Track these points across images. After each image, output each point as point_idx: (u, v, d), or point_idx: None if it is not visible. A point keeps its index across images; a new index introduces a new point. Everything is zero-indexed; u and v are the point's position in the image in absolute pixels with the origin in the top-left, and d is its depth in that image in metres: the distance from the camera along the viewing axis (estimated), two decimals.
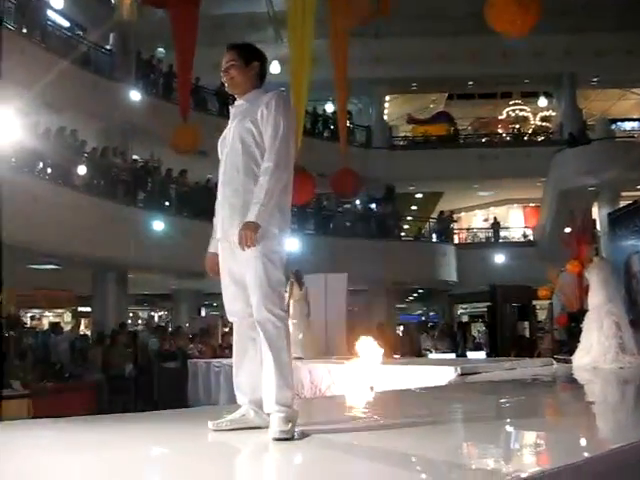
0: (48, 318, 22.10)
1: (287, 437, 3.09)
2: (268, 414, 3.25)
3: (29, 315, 21.79)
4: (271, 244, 3.34)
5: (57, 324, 16.06)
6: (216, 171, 3.66)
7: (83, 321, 22.47)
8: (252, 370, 3.42)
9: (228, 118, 3.67)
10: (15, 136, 12.63)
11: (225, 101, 21.21)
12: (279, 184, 3.34)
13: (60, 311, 22.74)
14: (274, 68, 20.79)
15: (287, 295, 10.65)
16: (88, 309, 20.96)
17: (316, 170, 16.41)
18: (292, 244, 18.44)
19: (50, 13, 18.11)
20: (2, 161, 12.09)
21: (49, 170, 15.55)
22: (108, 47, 20.04)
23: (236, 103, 3.64)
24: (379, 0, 14.94)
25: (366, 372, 7.13)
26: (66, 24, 19.54)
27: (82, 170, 16.26)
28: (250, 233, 3.22)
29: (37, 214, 13.55)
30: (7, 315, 15.72)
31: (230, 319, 3.56)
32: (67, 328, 17.53)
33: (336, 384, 7.23)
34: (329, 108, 25.34)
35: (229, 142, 3.52)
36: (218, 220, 3.53)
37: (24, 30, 15.97)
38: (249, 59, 3.62)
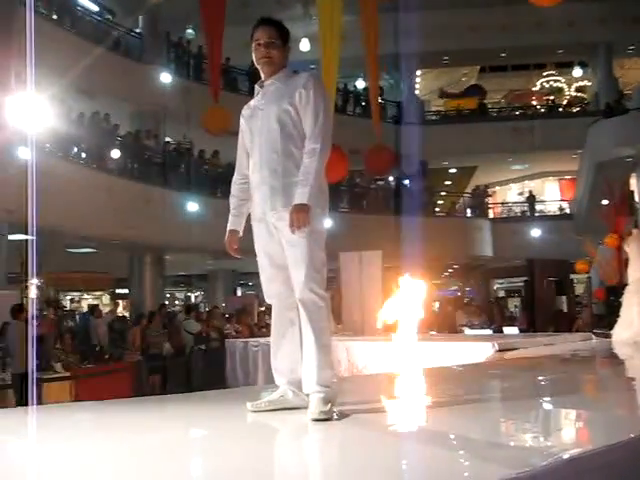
0: (87, 300, 22.48)
1: (326, 418, 3.08)
2: (307, 394, 3.25)
3: (68, 298, 22.18)
4: (315, 224, 3.31)
5: (96, 306, 16.30)
6: None
7: (121, 303, 22.81)
8: (290, 351, 3.41)
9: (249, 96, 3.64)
10: (49, 122, 12.76)
11: (256, 80, 21.16)
12: (323, 165, 3.33)
13: (98, 293, 23.12)
14: (304, 45, 20.64)
15: None
16: (125, 291, 21.24)
17: (348, 147, 16.33)
18: (327, 222, 18.42)
19: None
20: (37, 147, 12.21)
21: (83, 154, 15.72)
22: (138, 30, 20.10)
23: (265, 82, 3.57)
24: None
25: (403, 349, 7.13)
26: (95, 9, 19.62)
27: (116, 154, 16.41)
28: (304, 215, 3.20)
29: (72, 198, 13.71)
30: (47, 298, 16.02)
31: (268, 301, 3.55)
32: (105, 310, 17.80)
33: (373, 362, 7.23)
34: (360, 84, 25.15)
35: (263, 123, 3.46)
36: (254, 201, 3.49)
37: (54, 16, 16.08)
38: (286, 40, 3.59)
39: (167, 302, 22.07)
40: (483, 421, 3.14)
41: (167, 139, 19.83)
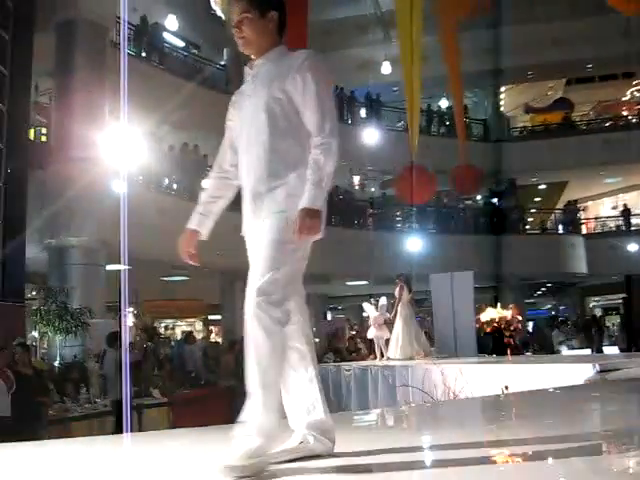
0: (181, 327, 22.97)
1: (236, 476, 2.43)
2: (329, 439, 2.82)
3: (163, 325, 22.75)
4: (286, 232, 2.69)
5: (190, 333, 16.63)
6: (335, 176, 3.20)
7: (213, 329, 23.21)
8: (304, 385, 2.87)
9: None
10: (142, 156, 13.22)
11: (339, 105, 21.36)
12: (334, 162, 2.75)
13: (191, 320, 23.60)
14: (385, 68, 20.75)
15: (396, 299, 11.16)
16: (218, 317, 21.62)
17: (435, 168, 16.26)
18: (415, 244, 18.33)
19: (166, 35, 18.86)
20: (130, 179, 12.64)
21: (174, 185, 16.18)
22: (222, 63, 20.63)
23: (255, 63, 2.98)
24: None
25: (499, 372, 6.96)
26: (182, 44, 20.26)
27: (206, 183, 16.80)
28: (315, 221, 2.64)
29: (165, 228, 14.02)
30: (144, 326, 16.47)
31: None
32: (199, 336, 18.15)
33: (469, 385, 7.09)
34: (443, 104, 25.02)
35: (251, 113, 2.90)
36: (243, 208, 2.93)
37: (143, 54, 16.70)
38: (265, 8, 2.88)
39: None
40: (586, 446, 3.02)
41: None
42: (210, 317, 23.58)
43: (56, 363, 11.89)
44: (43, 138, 15.11)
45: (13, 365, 8.45)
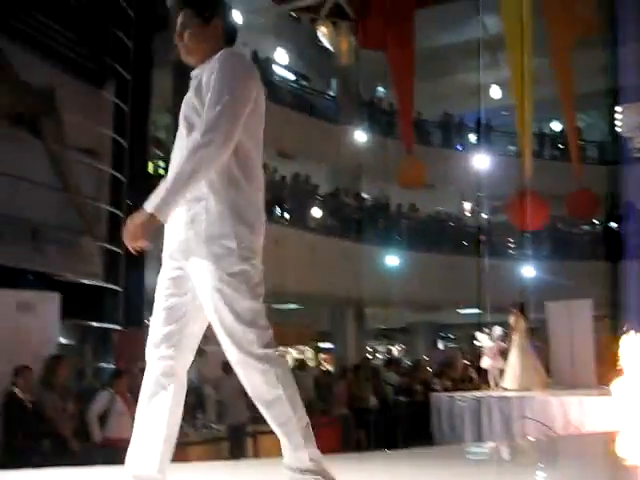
0: (291, 354, 23.21)
1: None
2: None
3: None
4: (227, 263, 2.53)
5: (302, 361, 16.75)
6: (445, 203, 3.36)
7: (323, 357, 23.30)
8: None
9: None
10: None
11: (448, 132, 21.22)
12: (205, 165, 2.40)
13: (302, 347, 23.81)
14: (495, 92, 20.51)
15: (512, 328, 10.98)
16: (328, 345, 21.72)
17: (548, 192, 15.86)
18: (529, 271, 17.87)
19: (276, 68, 19.38)
20: None
21: (287, 215, 16.51)
22: (331, 93, 20.96)
23: (192, 73, 2.68)
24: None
25: (622, 407, 6.64)
26: (292, 77, 20.73)
27: (317, 212, 17.10)
28: (138, 226, 2.42)
29: (279, 257, 14.34)
30: None
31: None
32: (310, 364, 18.27)
33: (591, 419, 6.80)
34: (556, 126, 24.38)
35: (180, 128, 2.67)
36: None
37: None
38: (209, 15, 2.65)
39: (369, 355, 22.27)
40: None
41: (364, 195, 20.30)
42: (320, 344, 23.73)
43: None
44: (161, 171, 15.77)
45: (134, 389, 8.76)
